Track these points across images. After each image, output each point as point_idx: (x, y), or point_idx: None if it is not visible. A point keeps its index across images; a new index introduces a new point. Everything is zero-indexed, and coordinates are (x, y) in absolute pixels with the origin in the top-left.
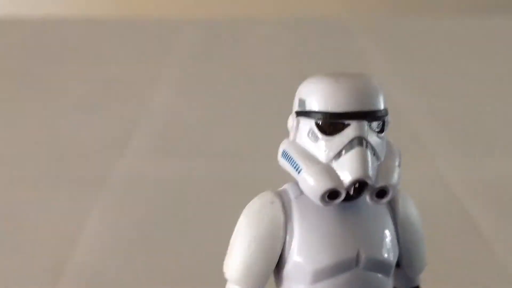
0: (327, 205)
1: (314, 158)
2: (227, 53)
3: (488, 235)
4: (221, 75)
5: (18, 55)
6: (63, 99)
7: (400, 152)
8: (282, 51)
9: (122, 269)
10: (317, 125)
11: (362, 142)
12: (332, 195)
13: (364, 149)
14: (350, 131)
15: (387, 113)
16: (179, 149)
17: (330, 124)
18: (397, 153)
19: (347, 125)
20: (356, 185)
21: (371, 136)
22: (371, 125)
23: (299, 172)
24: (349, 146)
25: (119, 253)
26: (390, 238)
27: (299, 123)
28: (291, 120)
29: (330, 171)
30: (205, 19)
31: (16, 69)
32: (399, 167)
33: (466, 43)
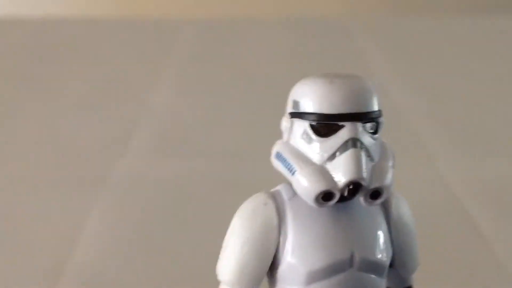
0: (321, 207)
1: (308, 160)
2: (227, 53)
3: (488, 235)
4: (221, 75)
5: (18, 55)
6: (63, 99)
7: (394, 153)
8: (282, 51)
9: (122, 269)
10: (311, 127)
11: (356, 144)
12: (326, 197)
13: (358, 151)
14: (344, 133)
15: (381, 115)
16: (179, 149)
17: (324, 126)
18: (391, 154)
19: (341, 127)
20: (350, 187)
21: (365, 138)
22: (365, 127)
23: (293, 174)
24: (343, 148)
25: (119, 253)
26: (384, 239)
27: (293, 125)
28: (285, 122)
29: (324, 173)
30: (205, 19)
31: (16, 69)
32: (393, 168)
33: (466, 43)
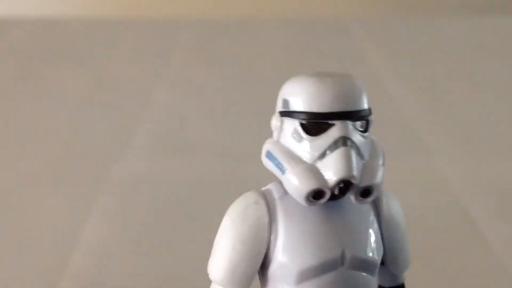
0: (312, 205)
1: (299, 158)
2: (227, 53)
3: (488, 235)
4: (221, 75)
5: (18, 55)
6: (63, 99)
7: (384, 152)
8: (282, 51)
9: (122, 269)
10: (302, 125)
11: (347, 142)
12: (317, 195)
13: (349, 149)
14: (335, 131)
15: (371, 113)
16: (179, 149)
17: (315, 124)
18: (381, 152)
19: (332, 125)
20: (341, 185)
21: (355, 136)
22: (355, 125)
23: (284, 173)
24: (334, 146)
25: (119, 253)
26: (375, 237)
27: (283, 123)
28: (275, 120)
29: (315, 171)
30: (205, 19)
31: (16, 69)
32: (383, 166)
33: (466, 43)
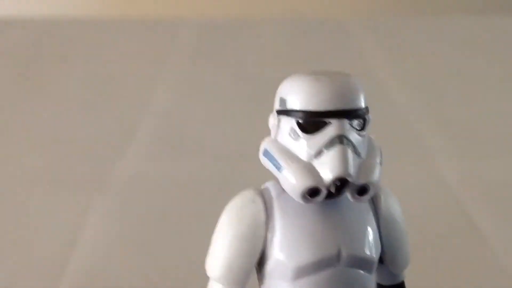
0: (308, 203)
1: (295, 157)
2: (227, 53)
3: (488, 235)
4: (221, 75)
5: (18, 55)
6: (63, 99)
7: (381, 150)
8: (282, 51)
9: (123, 269)
10: (298, 124)
11: (343, 140)
12: (313, 193)
13: (345, 147)
14: (331, 130)
15: (368, 111)
16: (179, 149)
17: (311, 123)
18: (378, 151)
19: (328, 124)
20: (337, 183)
21: (352, 134)
22: (352, 123)
23: (280, 170)
24: (330, 144)
25: (120, 253)
26: (372, 235)
27: (280, 122)
28: (272, 119)
29: (311, 169)
30: (205, 19)
31: (16, 69)
32: (380, 165)
33: (467, 43)
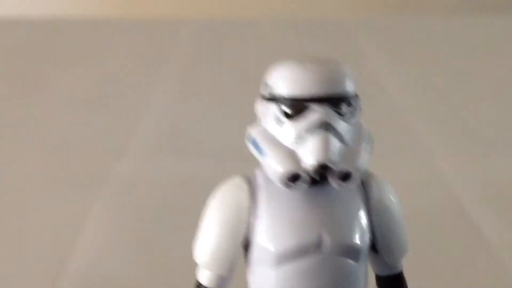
0: (291, 189)
1: (278, 142)
2: (227, 53)
3: (488, 235)
4: (221, 75)
5: (18, 55)
6: (63, 99)
7: (372, 138)
8: (282, 51)
9: (122, 269)
10: (282, 109)
11: (325, 126)
12: (295, 179)
13: (327, 133)
14: (313, 115)
15: (356, 98)
16: (179, 149)
17: (294, 108)
18: (367, 138)
19: (311, 109)
20: (318, 169)
21: (336, 121)
22: (339, 110)
23: (263, 156)
24: (312, 130)
25: (119, 253)
26: (360, 223)
27: (265, 108)
28: (258, 105)
29: (293, 155)
30: (205, 19)
31: (16, 69)
32: (369, 152)
33: (467, 43)
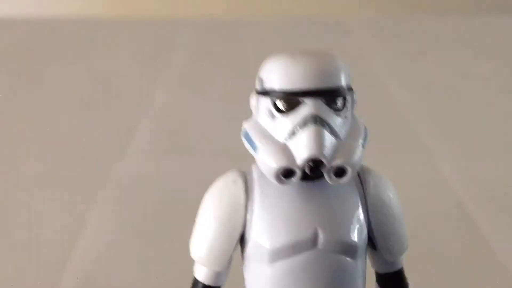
0: (284, 184)
1: (271, 137)
2: (227, 53)
3: (488, 235)
4: (221, 75)
5: (18, 55)
6: (63, 99)
7: (367, 132)
8: (282, 51)
9: (122, 269)
10: (274, 104)
11: (317, 120)
12: (287, 174)
13: (319, 127)
14: (305, 109)
15: (350, 91)
16: (179, 149)
17: (286, 102)
18: (363, 132)
19: (303, 103)
20: (310, 164)
21: (328, 114)
22: (332, 103)
23: (256, 151)
24: (304, 124)
25: (119, 253)
26: (356, 219)
27: (259, 102)
28: (252, 99)
29: (285, 150)
30: (205, 19)
31: (16, 69)
32: (363, 147)
33: (467, 43)
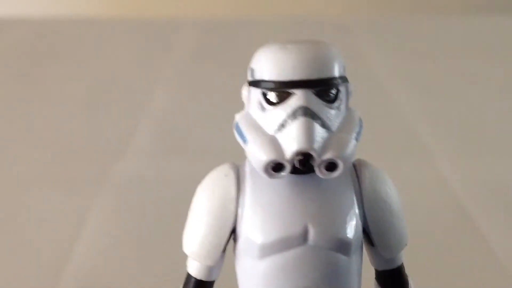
0: (273, 178)
1: (261, 130)
2: (227, 53)
3: (488, 235)
4: (221, 75)
5: (18, 55)
6: (63, 99)
7: (362, 124)
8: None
9: (122, 269)
10: (264, 95)
11: (307, 112)
12: (277, 168)
13: (309, 120)
14: (294, 101)
15: (343, 82)
16: (179, 149)
17: (276, 94)
18: (357, 125)
19: (293, 95)
20: (300, 157)
21: (320, 106)
22: (324, 94)
23: (246, 144)
24: (293, 116)
25: (119, 253)
26: (350, 215)
27: (250, 93)
28: (244, 91)
29: (274, 143)
30: (205, 19)
31: (16, 69)
32: (356, 140)
33: (467, 43)
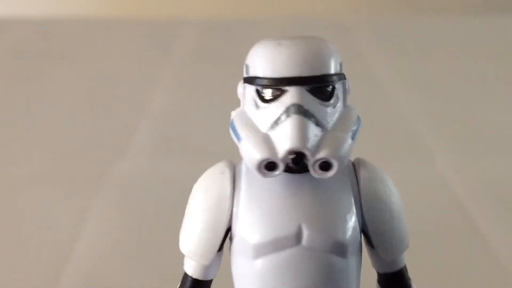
0: (267, 177)
1: (255, 127)
2: (227, 53)
3: (488, 235)
4: (221, 75)
5: (18, 55)
6: (63, 99)
7: (360, 122)
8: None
9: (122, 269)
10: (258, 92)
11: (300, 110)
12: (271, 166)
13: (302, 118)
14: (287, 98)
15: (339, 79)
16: (179, 149)
17: (269, 91)
18: (354, 124)
19: (286, 92)
20: (292, 156)
21: (314, 104)
22: (319, 92)
23: (240, 142)
24: (286, 114)
25: (119, 253)
26: (346, 216)
27: (245, 90)
28: (239, 87)
29: (267, 141)
30: (205, 19)
31: (16, 69)
32: (352, 139)
33: (467, 43)
